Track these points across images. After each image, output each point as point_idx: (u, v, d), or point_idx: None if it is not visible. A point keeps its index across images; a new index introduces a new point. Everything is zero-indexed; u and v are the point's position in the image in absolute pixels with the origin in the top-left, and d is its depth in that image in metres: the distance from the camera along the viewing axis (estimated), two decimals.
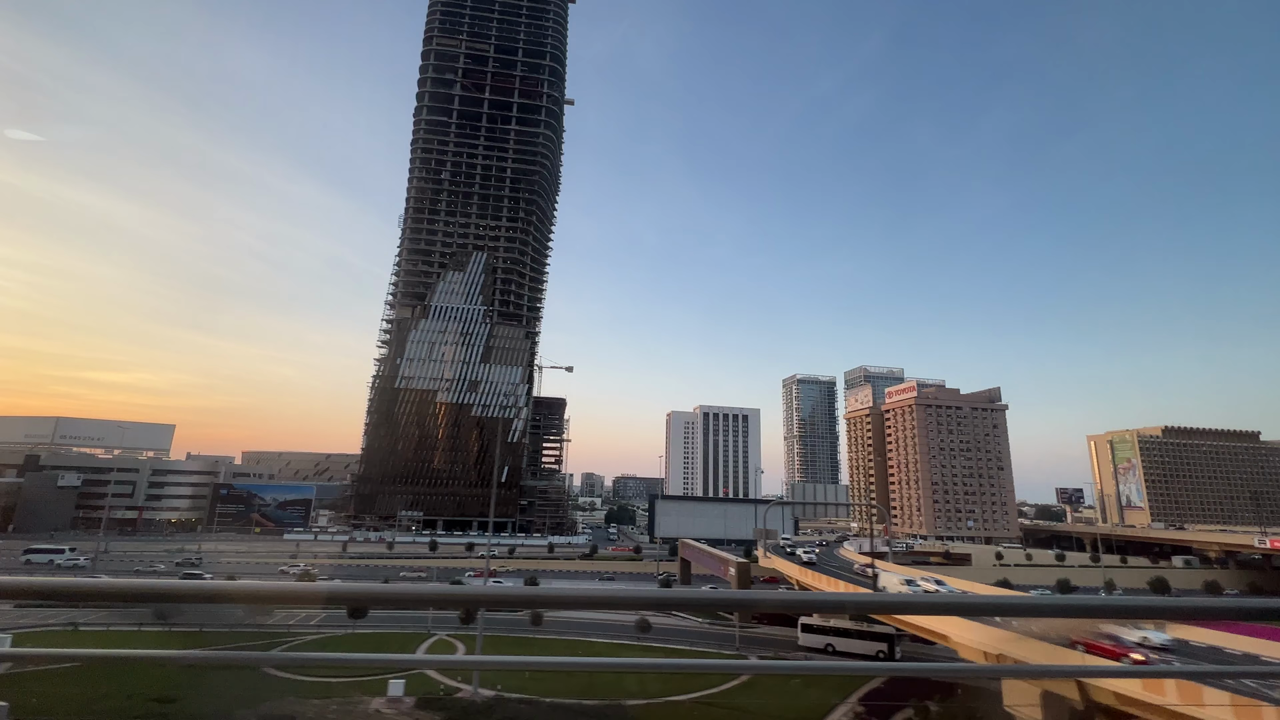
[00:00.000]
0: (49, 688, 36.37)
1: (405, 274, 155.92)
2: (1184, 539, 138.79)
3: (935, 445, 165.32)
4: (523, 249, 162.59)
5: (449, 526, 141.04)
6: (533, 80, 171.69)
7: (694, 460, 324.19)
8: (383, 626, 55.21)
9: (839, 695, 41.45)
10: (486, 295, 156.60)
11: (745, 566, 63.38)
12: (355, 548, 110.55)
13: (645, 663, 2.68)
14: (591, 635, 54.34)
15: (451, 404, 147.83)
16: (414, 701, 37.09)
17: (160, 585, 2.20)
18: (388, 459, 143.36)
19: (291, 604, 2.59)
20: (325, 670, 41.30)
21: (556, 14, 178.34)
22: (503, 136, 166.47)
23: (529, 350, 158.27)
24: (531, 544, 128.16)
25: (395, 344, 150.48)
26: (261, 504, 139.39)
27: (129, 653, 3.68)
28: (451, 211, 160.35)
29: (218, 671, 42.05)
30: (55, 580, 2.32)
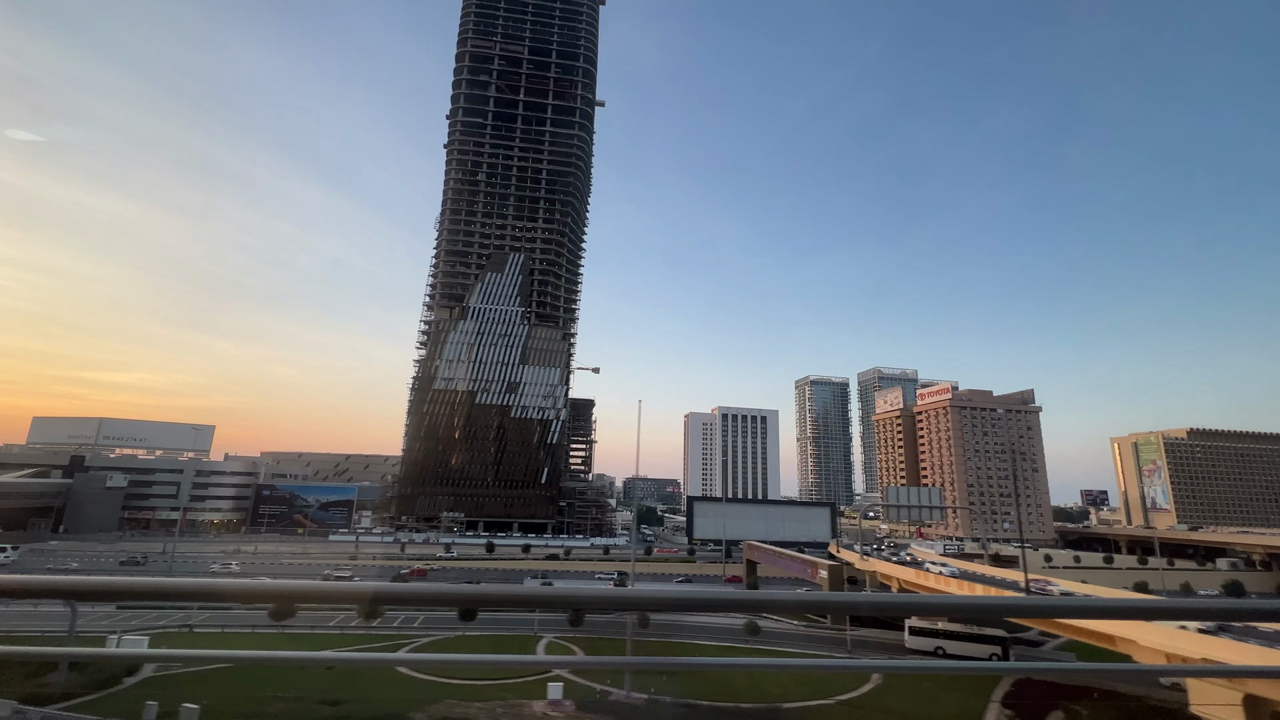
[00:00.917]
0: (214, 689, 36.52)
1: (443, 275, 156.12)
2: (1226, 541, 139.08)
3: (970, 447, 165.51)
4: (559, 250, 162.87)
5: (489, 528, 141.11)
6: (566, 81, 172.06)
7: (712, 461, 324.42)
8: (491, 629, 55.34)
9: (979, 696, 41.64)
10: (524, 296, 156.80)
11: (838, 569, 63.50)
12: (413, 549, 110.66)
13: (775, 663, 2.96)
14: (698, 638, 54.52)
15: (491, 405, 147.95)
16: (574, 704, 37.30)
17: (215, 584, 2.15)
18: (428, 460, 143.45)
19: (334, 603, 2.56)
20: (459, 672, 41.43)
21: (589, 15, 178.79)
22: (538, 138, 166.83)
23: (566, 351, 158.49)
24: (583, 545, 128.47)
25: (434, 345, 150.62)
26: (304, 505, 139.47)
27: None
28: (488, 213, 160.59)
29: (360, 672, 42.31)
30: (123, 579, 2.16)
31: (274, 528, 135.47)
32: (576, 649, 50.73)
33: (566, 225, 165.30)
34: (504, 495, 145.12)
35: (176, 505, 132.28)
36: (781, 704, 38.46)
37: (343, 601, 2.22)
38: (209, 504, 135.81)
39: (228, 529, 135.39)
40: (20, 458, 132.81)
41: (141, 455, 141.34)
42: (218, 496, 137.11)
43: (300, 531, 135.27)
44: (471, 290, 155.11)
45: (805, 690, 41.89)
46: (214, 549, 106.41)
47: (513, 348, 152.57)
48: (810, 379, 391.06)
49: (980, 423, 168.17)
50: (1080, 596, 42.88)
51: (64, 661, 36.44)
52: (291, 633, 52.80)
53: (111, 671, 37.91)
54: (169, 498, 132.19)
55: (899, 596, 2.26)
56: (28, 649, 3.15)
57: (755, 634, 54.03)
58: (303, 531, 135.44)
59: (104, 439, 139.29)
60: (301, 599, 2.21)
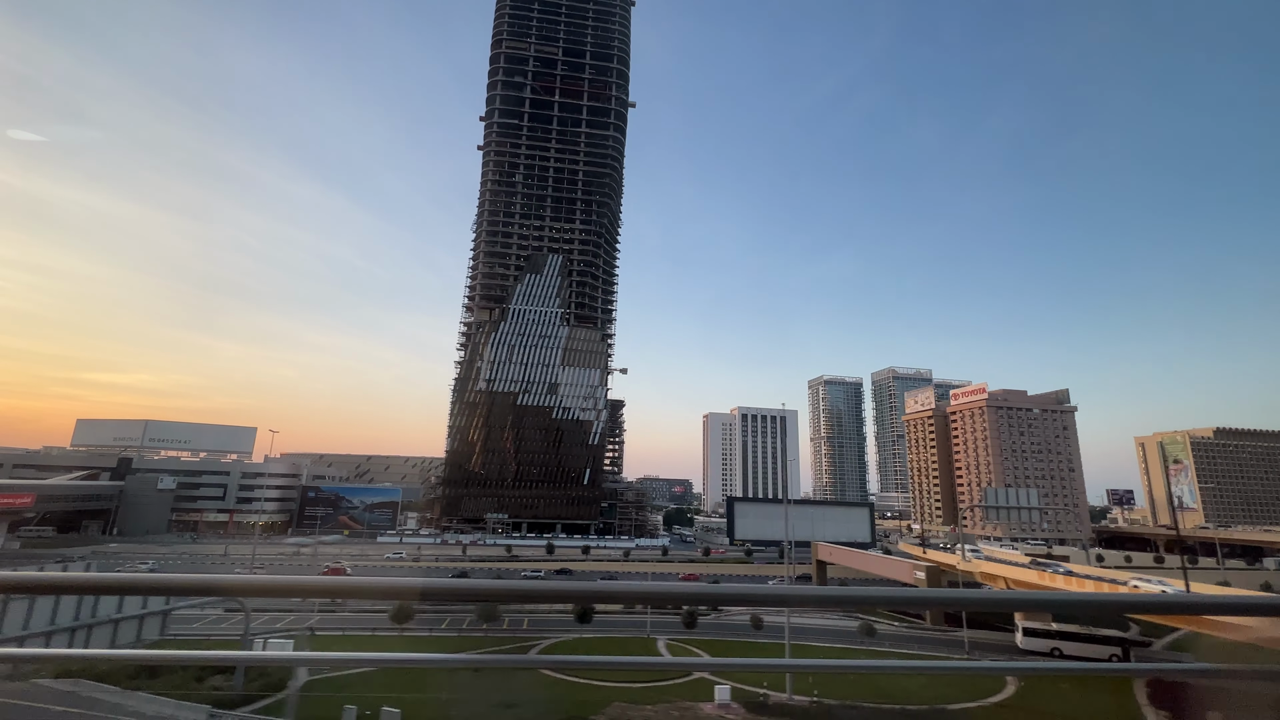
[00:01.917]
0: (379, 692, 36.66)
1: (482, 277, 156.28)
2: (1263, 540, 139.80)
3: (1007, 447, 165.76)
4: (595, 251, 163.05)
5: (532, 529, 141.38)
6: (600, 83, 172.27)
7: (733, 461, 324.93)
8: (604, 631, 55.49)
9: (1123, 695, 41.81)
10: (563, 298, 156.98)
11: (936, 570, 63.72)
12: (475, 550, 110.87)
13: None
14: (812, 640, 54.68)
15: (533, 406, 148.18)
16: (743, 707, 37.47)
17: (242, 580, 2.14)
18: (471, 461, 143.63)
19: (383, 598, 2.57)
20: (584, 674, 41.55)
21: (621, 15, 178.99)
22: (573, 139, 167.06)
23: (604, 352, 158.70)
24: (646, 546, 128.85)
25: (475, 347, 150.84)
26: (349, 507, 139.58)
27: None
28: (526, 214, 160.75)
29: (509, 674, 42.39)
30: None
31: (319, 529, 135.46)
32: (701, 651, 50.87)
33: (603, 226, 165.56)
34: (547, 496, 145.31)
35: (224, 507, 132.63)
36: (946, 706, 38.63)
37: (394, 597, 2.31)
38: (255, 506, 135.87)
39: (273, 530, 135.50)
40: (65, 460, 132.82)
41: (185, 457, 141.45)
42: (263, 498, 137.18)
43: (345, 533, 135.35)
44: (511, 291, 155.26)
45: (953, 692, 42.10)
46: (272, 551, 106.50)
47: (553, 349, 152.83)
48: (824, 379, 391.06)
49: (1016, 423, 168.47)
50: (1225, 594, 42.93)
51: (241, 665, 36.59)
52: (412, 635, 52.98)
53: (278, 675, 38.03)
54: (216, 499, 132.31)
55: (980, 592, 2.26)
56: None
57: (871, 635, 54.22)
58: (348, 533, 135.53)
59: (149, 441, 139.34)
60: (354, 594, 2.25)
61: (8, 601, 26.56)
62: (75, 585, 2.17)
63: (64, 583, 2.19)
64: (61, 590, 2.22)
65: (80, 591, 2.13)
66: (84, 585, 2.15)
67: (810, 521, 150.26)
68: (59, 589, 2.26)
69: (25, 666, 30.27)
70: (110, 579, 2.09)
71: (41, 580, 2.10)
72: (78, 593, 2.16)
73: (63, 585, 2.20)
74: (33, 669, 32.15)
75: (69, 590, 2.18)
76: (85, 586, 2.15)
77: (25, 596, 34.45)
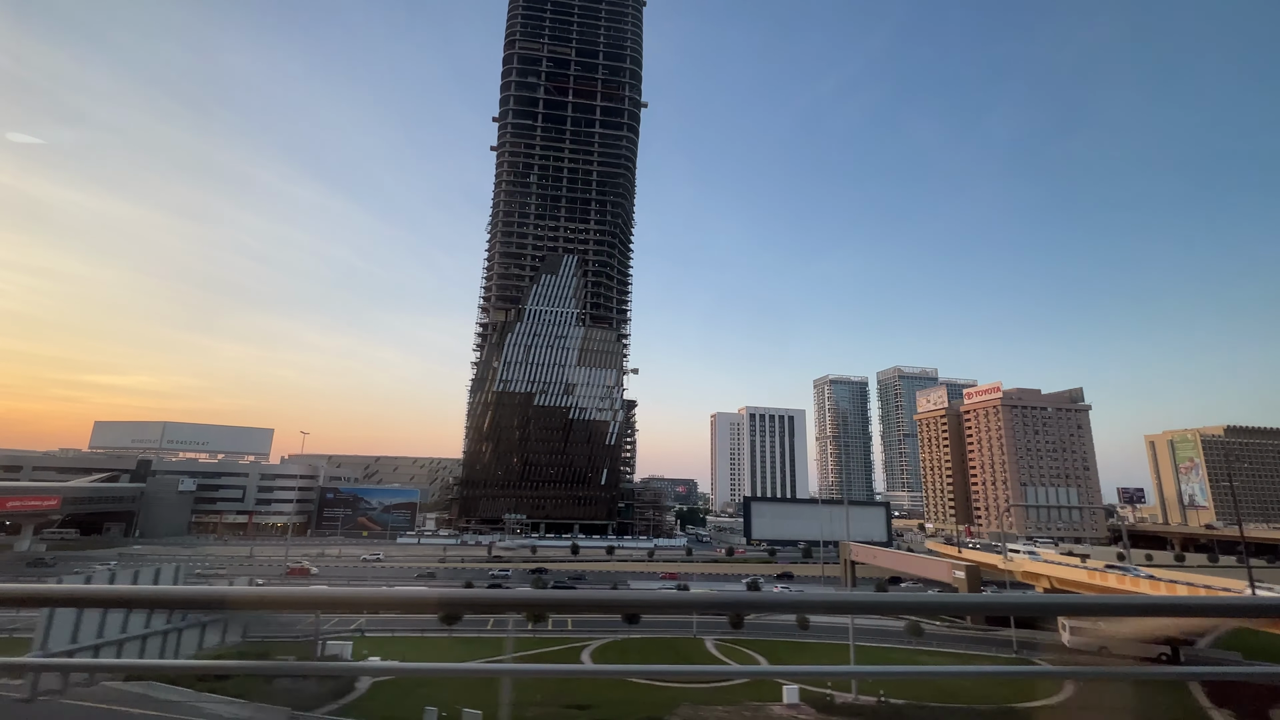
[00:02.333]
0: (448, 694, 36.64)
1: (497, 277, 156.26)
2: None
3: (1022, 446, 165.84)
4: (610, 251, 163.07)
5: (550, 529, 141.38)
6: (614, 83, 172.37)
7: (741, 461, 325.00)
8: (652, 631, 55.49)
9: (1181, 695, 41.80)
10: (578, 298, 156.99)
11: (975, 570, 63.71)
12: (499, 551, 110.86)
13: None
14: (859, 640, 54.67)
15: (550, 407, 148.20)
16: (814, 707, 37.49)
17: (262, 592, 2.12)
18: (489, 462, 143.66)
19: (403, 610, 2.53)
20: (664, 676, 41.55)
21: (634, 16, 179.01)
22: (587, 139, 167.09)
23: (620, 353, 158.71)
24: (661, 547, 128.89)
25: (491, 347, 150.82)
26: (367, 508, 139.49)
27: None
28: (540, 215, 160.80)
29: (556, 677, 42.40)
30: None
31: (338, 530, 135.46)
32: (753, 653, 50.85)
33: (617, 226, 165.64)
34: (564, 497, 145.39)
35: (243, 509, 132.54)
36: (1014, 705, 38.66)
37: (414, 609, 2.27)
38: (274, 507, 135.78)
39: (295, 532, 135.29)
40: (84, 462, 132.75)
41: (202, 459, 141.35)
42: (281, 500, 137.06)
43: (364, 534, 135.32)
44: (526, 292, 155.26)
45: (1010, 692, 42.12)
46: (295, 553, 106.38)
47: (569, 349, 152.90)
48: (829, 378, 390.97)
49: (1031, 422, 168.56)
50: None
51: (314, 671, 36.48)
52: (460, 635, 52.97)
53: (346, 678, 38.03)
54: (235, 501, 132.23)
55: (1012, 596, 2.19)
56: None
57: (919, 635, 54.22)
58: (367, 534, 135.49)
59: (167, 443, 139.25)
60: (376, 607, 2.20)
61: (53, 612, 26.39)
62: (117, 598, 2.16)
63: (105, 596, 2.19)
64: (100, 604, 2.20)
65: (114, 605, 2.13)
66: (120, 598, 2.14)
67: (826, 521, 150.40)
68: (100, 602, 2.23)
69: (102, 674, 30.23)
70: (124, 592, 2.10)
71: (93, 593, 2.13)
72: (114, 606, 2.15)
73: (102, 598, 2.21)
74: (108, 675, 32.19)
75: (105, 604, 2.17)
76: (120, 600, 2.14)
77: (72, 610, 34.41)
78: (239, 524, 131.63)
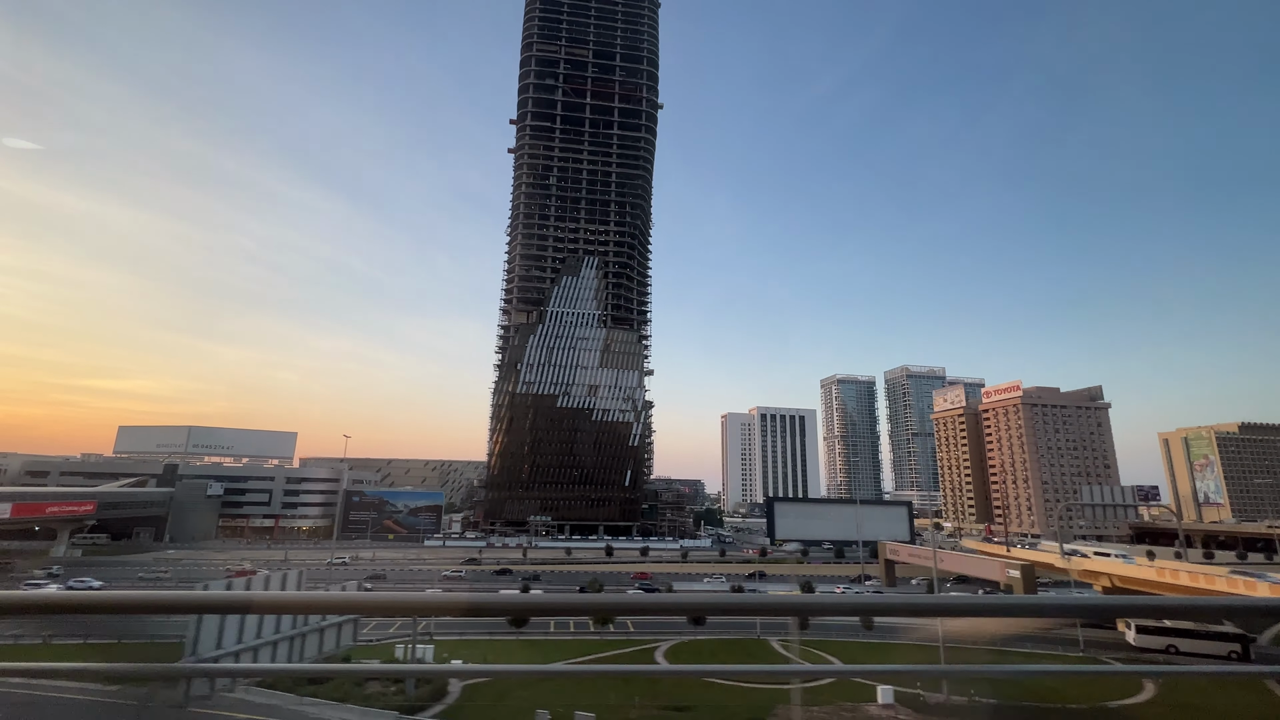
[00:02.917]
0: (541, 697, 36.62)
1: (519, 279, 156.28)
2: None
3: (1043, 444, 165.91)
4: (630, 252, 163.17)
5: (576, 531, 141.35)
6: (631, 85, 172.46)
7: (752, 461, 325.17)
8: (717, 633, 55.47)
9: (1258, 692, 41.87)
10: (600, 300, 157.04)
11: (1030, 569, 63.70)
12: (534, 554, 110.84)
13: None
14: (929, 642, 54.72)
15: (573, 409, 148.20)
16: (907, 707, 37.50)
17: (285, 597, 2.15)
18: (513, 464, 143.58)
19: (433, 614, 2.58)
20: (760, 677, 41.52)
21: (650, 17, 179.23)
22: (605, 141, 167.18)
23: (641, 354, 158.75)
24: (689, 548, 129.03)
25: (514, 349, 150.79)
26: (392, 511, 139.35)
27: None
28: (561, 217, 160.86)
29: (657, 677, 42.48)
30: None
31: (363, 533, 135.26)
32: (832, 656, 50.82)
33: (636, 228, 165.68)
34: (588, 498, 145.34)
35: (269, 512, 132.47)
36: (1106, 704, 38.70)
37: (442, 613, 2.31)
38: (299, 511, 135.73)
39: (318, 535, 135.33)
40: (109, 467, 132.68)
41: (228, 463, 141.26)
42: (306, 503, 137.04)
43: (390, 537, 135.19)
44: (548, 294, 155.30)
45: (1096, 692, 42.12)
46: (327, 556, 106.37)
47: (591, 351, 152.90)
48: (837, 378, 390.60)
49: (1051, 420, 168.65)
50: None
51: (410, 676, 36.53)
52: (528, 638, 52.95)
53: (440, 682, 38.03)
54: (261, 505, 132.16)
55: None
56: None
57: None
58: (392, 537, 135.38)
59: (193, 447, 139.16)
60: (404, 611, 2.22)
61: (201, 619, 26.35)
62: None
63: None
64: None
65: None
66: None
67: (849, 521, 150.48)
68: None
69: (221, 680, 30.12)
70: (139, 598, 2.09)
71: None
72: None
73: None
74: (228, 682, 32.19)
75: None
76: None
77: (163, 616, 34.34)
78: (265, 528, 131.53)
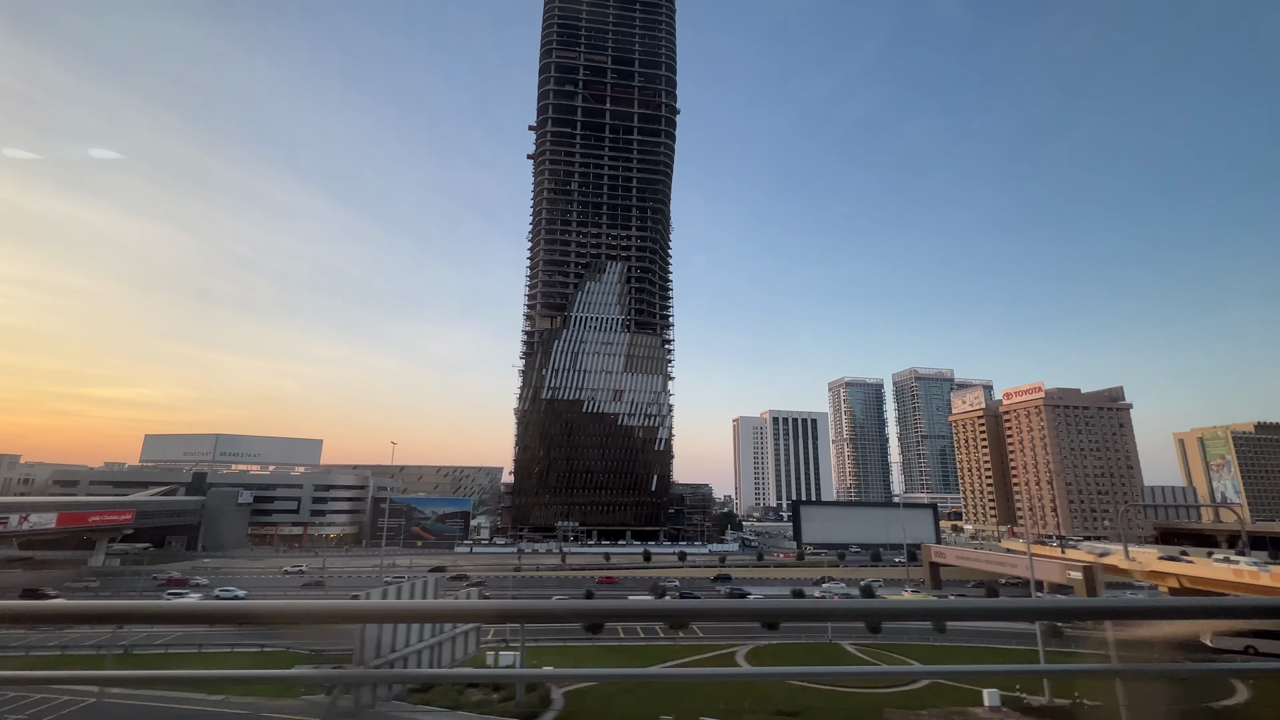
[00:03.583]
0: (640, 703, 36.55)
1: (542, 285, 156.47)
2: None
3: (1066, 446, 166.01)
4: (652, 257, 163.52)
5: (602, 536, 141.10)
6: (650, 90, 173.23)
7: (765, 465, 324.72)
8: (790, 637, 55.36)
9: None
10: (623, 304, 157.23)
11: (1092, 570, 63.65)
12: (574, 559, 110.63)
13: None
14: (993, 641, 54.72)
15: (599, 413, 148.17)
16: (1015, 710, 37.45)
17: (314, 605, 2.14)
18: (540, 469, 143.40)
19: (462, 620, 2.56)
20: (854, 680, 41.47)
21: (667, 22, 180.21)
22: (626, 146, 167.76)
23: (665, 358, 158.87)
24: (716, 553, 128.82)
25: (539, 355, 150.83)
26: (420, 517, 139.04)
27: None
28: (583, 222, 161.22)
29: (752, 683, 42.49)
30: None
31: (391, 540, 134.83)
32: (900, 656, 50.78)
33: (657, 232, 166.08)
34: (615, 503, 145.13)
35: (298, 520, 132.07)
36: (1212, 704, 38.63)
37: (473, 619, 2.29)
38: (328, 518, 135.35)
39: (346, 542, 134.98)
40: (137, 476, 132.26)
41: (254, 470, 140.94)
42: (335, 510, 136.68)
43: (419, 544, 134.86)
44: (572, 299, 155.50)
45: (1182, 693, 41.99)
46: (368, 564, 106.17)
47: (616, 356, 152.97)
48: (845, 380, 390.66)
49: (1073, 421, 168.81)
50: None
51: (521, 682, 36.44)
52: (603, 644, 52.86)
53: (544, 689, 37.93)
54: (290, 512, 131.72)
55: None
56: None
57: (1058, 636, 54.12)
58: (421, 544, 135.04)
59: (220, 455, 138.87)
60: (434, 617, 2.29)
61: (364, 629, 26.32)
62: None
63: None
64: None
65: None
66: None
67: (875, 524, 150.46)
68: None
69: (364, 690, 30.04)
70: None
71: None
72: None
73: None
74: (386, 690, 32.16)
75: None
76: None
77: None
78: (294, 535, 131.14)
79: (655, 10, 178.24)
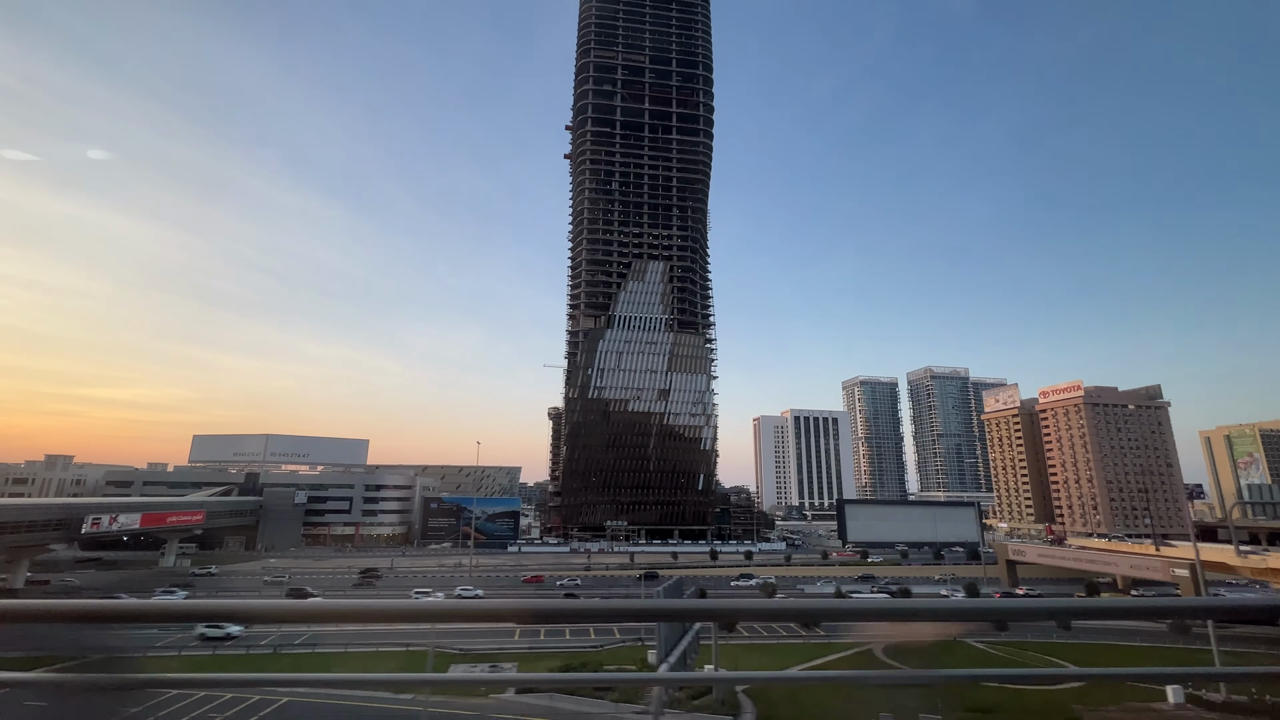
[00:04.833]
0: (823, 697, 36.67)
1: (585, 285, 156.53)
2: None
3: (1105, 444, 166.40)
4: (693, 256, 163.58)
5: (650, 535, 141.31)
6: (688, 89, 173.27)
7: (786, 464, 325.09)
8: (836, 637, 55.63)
9: None
10: (665, 304, 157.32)
11: (1197, 567, 63.83)
12: (642, 559, 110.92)
13: None
14: (1115, 639, 55.04)
15: (644, 413, 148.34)
16: (1200, 707, 37.72)
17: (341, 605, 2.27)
18: (587, 469, 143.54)
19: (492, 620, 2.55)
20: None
21: (703, 21, 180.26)
22: (665, 146, 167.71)
23: (708, 358, 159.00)
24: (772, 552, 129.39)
25: (583, 354, 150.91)
26: (470, 517, 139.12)
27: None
28: (624, 222, 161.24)
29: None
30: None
31: (443, 540, 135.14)
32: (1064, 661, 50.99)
33: (698, 231, 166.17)
34: (662, 503, 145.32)
35: (350, 520, 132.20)
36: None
37: (504, 619, 2.34)
38: (379, 518, 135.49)
39: (397, 542, 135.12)
40: (188, 476, 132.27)
41: (304, 471, 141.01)
42: (386, 510, 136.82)
43: (470, 544, 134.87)
44: (615, 299, 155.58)
45: None
46: (422, 563, 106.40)
47: (659, 355, 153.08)
48: (859, 379, 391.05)
49: (1112, 419, 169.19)
50: None
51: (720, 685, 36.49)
52: (737, 643, 53.03)
53: (730, 695, 38.11)
54: (342, 513, 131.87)
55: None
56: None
57: (1185, 634, 54.39)
58: (472, 544, 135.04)
59: (271, 455, 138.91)
60: (464, 618, 2.25)
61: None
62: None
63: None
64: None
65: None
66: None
67: (918, 523, 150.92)
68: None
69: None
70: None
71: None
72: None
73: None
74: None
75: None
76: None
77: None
78: (346, 535, 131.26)
79: (691, 9, 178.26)
